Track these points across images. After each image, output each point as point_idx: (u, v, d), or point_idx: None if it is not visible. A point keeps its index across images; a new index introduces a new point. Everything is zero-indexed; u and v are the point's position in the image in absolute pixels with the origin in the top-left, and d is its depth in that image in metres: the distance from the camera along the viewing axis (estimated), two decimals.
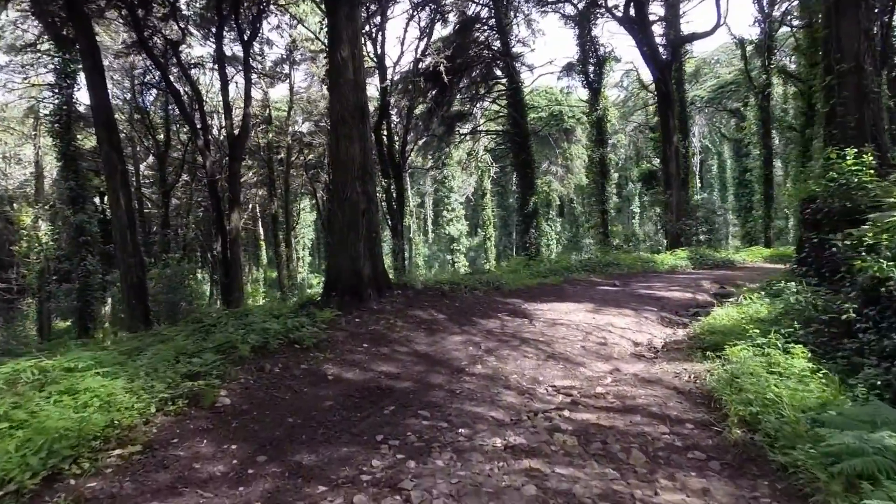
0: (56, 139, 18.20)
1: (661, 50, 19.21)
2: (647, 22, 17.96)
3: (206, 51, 21.48)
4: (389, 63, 21.50)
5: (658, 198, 18.27)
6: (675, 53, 19.14)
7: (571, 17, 23.59)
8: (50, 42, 17.43)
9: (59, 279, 23.31)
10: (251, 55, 20.11)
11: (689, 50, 30.51)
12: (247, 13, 18.74)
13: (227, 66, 20.89)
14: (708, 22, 54.57)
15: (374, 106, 20.43)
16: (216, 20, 18.49)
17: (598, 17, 22.04)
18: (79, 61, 15.43)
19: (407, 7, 19.74)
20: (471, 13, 22.46)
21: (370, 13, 18.71)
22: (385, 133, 21.09)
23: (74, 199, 18.01)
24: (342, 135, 8.23)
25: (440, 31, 24.41)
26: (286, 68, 29.63)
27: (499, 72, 23.84)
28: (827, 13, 8.30)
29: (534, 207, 22.44)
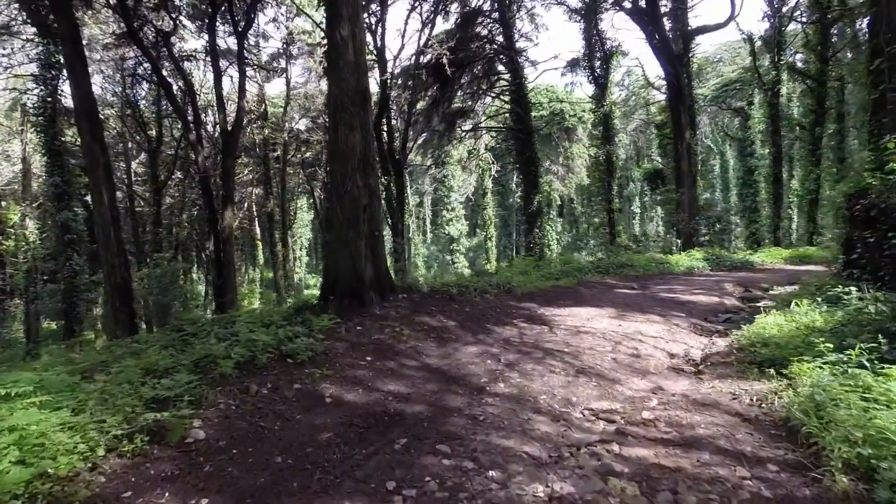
0: (41, 133, 17.35)
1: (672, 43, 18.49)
2: (659, 13, 17.25)
3: (200, 44, 20.58)
4: (389, 56, 20.77)
5: (670, 196, 17.57)
6: (686, 46, 18.40)
7: (577, 11, 22.89)
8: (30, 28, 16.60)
9: (47, 279, 22.48)
10: (245, 46, 19.31)
11: (693, 48, 29.84)
12: (241, 2, 17.95)
13: (220, 59, 20.09)
14: (713, 17, 54.09)
15: (374, 100, 19.64)
16: (209, 11, 17.70)
17: (605, 9, 21.33)
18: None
19: None
20: (473, 5, 21.71)
21: (369, 0, 17.94)
22: (385, 128, 20.31)
23: (60, 195, 17.17)
24: (341, 122, 7.46)
25: (441, 24, 23.69)
26: (283, 63, 28.84)
27: (501, 67, 23.10)
28: None
29: (538, 206, 21.70)
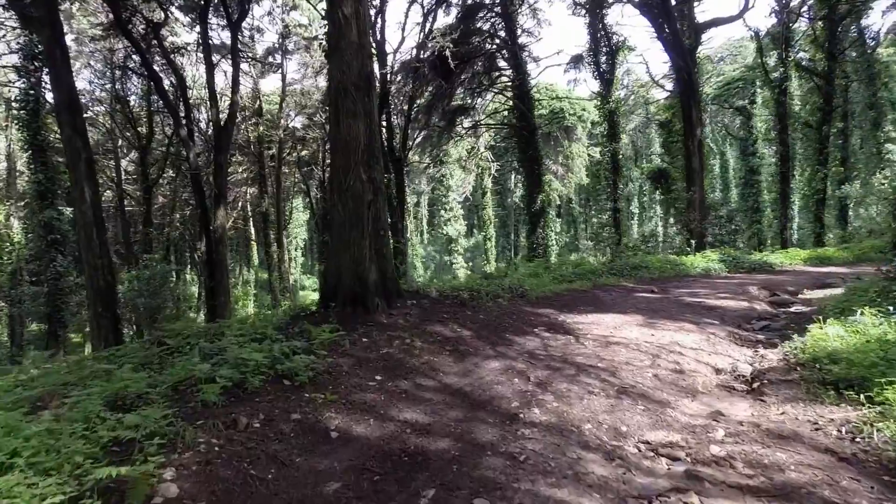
0: (23, 128, 16.52)
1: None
2: (671, 5, 16.61)
3: (192, 37, 19.83)
4: (389, 49, 20.02)
5: (682, 195, 16.95)
6: (698, 39, 17.79)
7: (582, 5, 22.23)
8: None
9: (32, 281, 21.61)
10: (239, 39, 18.53)
11: (704, 42, 29.24)
12: None
13: (213, 53, 19.34)
14: (719, 12, 53.90)
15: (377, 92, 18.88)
16: (201, 1, 16.94)
17: (611, 2, 20.69)
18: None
19: None
20: None
21: None
22: (385, 125, 19.58)
23: (43, 193, 16.35)
24: (344, 109, 6.73)
25: (442, 19, 23.06)
26: (278, 58, 28.06)
27: (503, 63, 22.46)
28: None
29: (542, 206, 21.06)
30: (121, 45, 20.96)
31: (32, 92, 16.09)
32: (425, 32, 19.25)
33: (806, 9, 25.70)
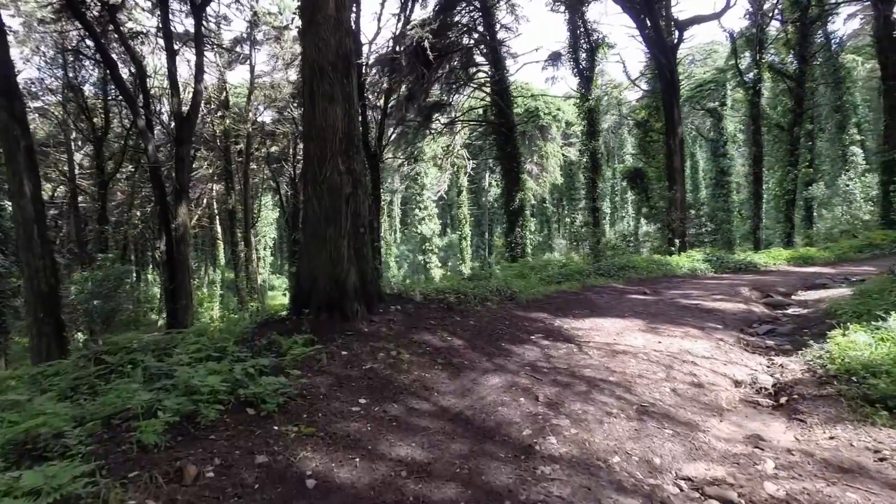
0: None
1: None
2: (653, 1, 16.31)
3: (153, 22, 18.59)
4: (364, 40, 19.19)
5: (664, 194, 16.73)
6: (680, 36, 17.59)
7: (562, 1, 21.88)
8: None
9: None
10: (204, 24, 17.39)
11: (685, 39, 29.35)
12: None
13: (176, 41, 18.12)
14: (698, 11, 54.68)
15: None
16: None
17: None
18: None
19: None
20: None
21: None
22: (360, 118, 18.72)
23: None
24: (319, 92, 5.97)
25: (420, 11, 22.33)
26: (246, 49, 26.81)
27: (481, 59, 21.94)
28: None
29: (520, 204, 20.62)
30: (75, 30, 19.47)
31: None
32: (402, 23, 18.51)
33: (777, 12, 26.03)
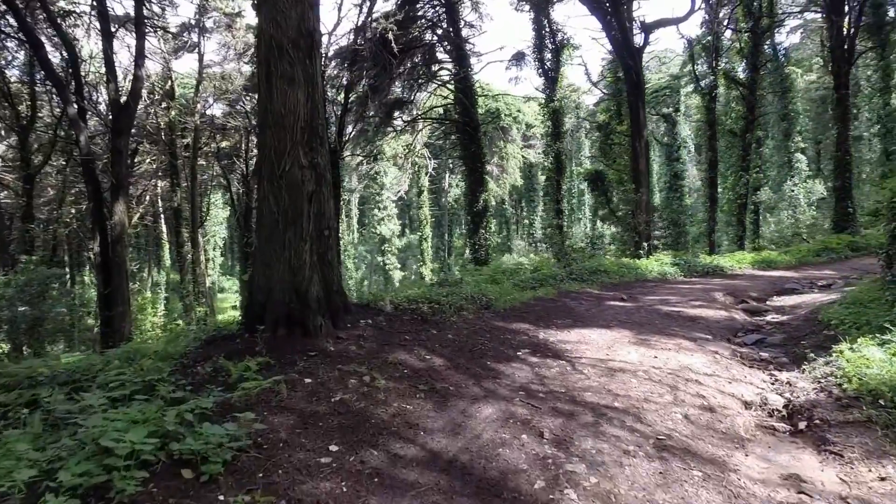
0: None
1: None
2: (620, 2, 16.19)
3: (88, 0, 16.98)
4: (324, 30, 18.16)
5: (629, 196, 16.66)
6: (646, 39, 17.60)
7: (528, 0, 21.61)
8: None
9: None
10: (146, 5, 15.93)
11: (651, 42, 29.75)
12: None
13: (114, 24, 16.57)
14: (658, 15, 56.21)
15: None
16: None
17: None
18: None
19: None
20: None
21: None
22: (324, 106, 17.70)
23: None
24: (278, 73, 5.15)
25: (382, 4, 21.55)
26: (195, 37, 25.07)
27: (444, 56, 21.39)
28: None
29: (484, 205, 20.20)
30: None
31: None
32: (365, 14, 17.63)
33: (731, 21, 26.80)
